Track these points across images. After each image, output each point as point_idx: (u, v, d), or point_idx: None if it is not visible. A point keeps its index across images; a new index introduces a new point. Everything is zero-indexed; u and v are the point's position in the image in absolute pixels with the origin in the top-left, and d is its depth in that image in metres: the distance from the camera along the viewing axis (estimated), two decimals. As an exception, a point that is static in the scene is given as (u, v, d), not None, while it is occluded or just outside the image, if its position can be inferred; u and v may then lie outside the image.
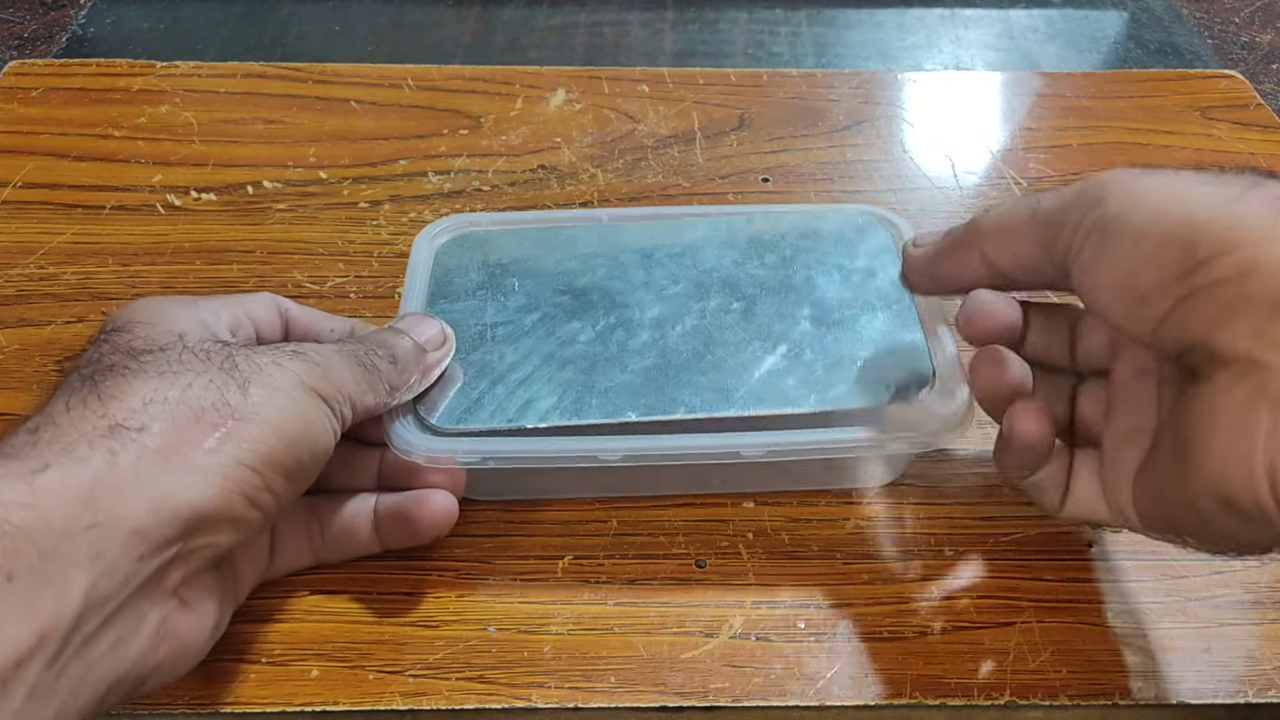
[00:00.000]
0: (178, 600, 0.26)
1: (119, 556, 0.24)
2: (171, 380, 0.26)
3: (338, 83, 0.55)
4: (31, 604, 0.22)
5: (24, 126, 0.52)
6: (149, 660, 0.25)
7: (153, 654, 0.25)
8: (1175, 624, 0.33)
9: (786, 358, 0.35)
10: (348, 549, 0.33)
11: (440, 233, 0.39)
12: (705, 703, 0.31)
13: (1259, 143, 0.53)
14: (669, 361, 0.34)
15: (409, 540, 0.32)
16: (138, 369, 0.26)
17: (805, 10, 0.68)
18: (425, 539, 0.32)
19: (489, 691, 0.31)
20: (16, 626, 0.22)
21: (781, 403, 0.33)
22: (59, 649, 0.23)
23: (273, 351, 0.28)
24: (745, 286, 0.37)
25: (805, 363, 0.34)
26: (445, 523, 0.32)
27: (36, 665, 0.22)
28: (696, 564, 0.34)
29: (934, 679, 0.32)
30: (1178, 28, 0.67)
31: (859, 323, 0.35)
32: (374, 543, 0.33)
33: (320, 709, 0.31)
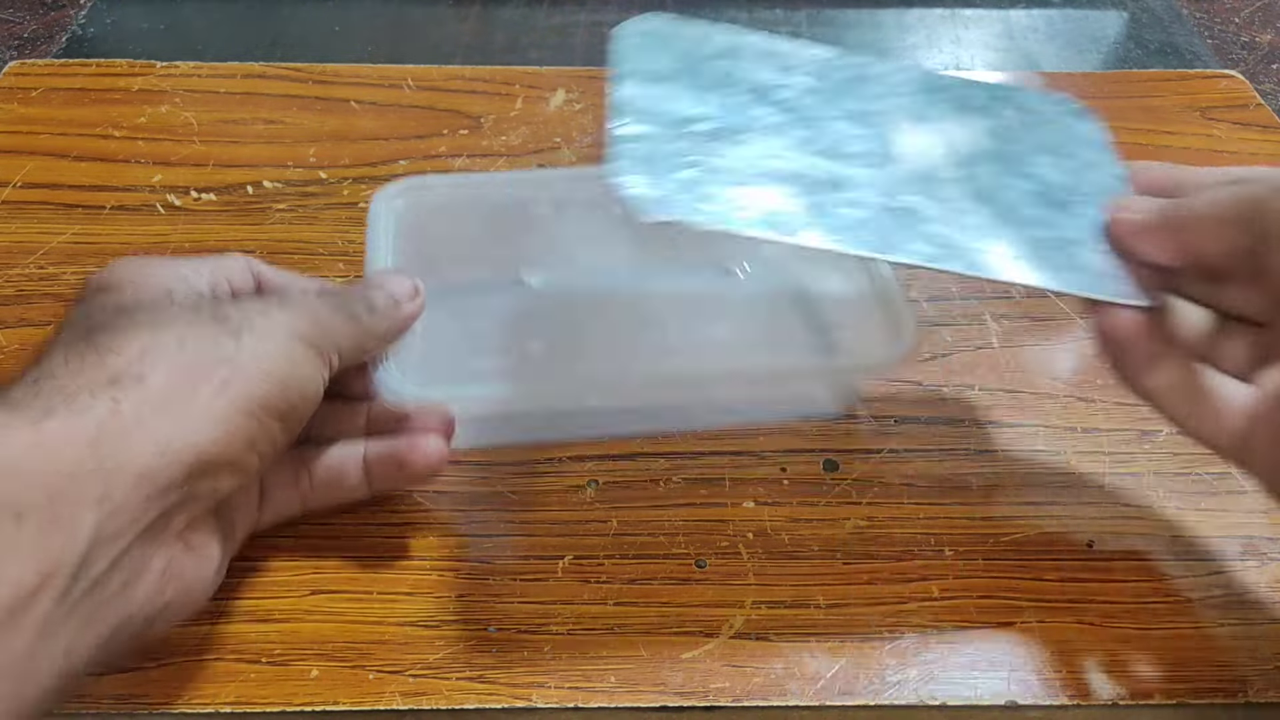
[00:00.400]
0: (182, 544, 0.27)
1: (126, 498, 0.25)
2: (166, 331, 0.27)
3: (338, 83, 0.55)
4: (41, 542, 0.23)
5: (24, 126, 0.52)
6: (156, 602, 0.26)
7: (159, 596, 0.26)
8: (1175, 624, 0.33)
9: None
10: (336, 495, 0.33)
11: (396, 195, 0.39)
12: (705, 703, 0.31)
13: (1259, 143, 0.53)
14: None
15: (400, 483, 0.34)
16: (131, 323, 0.27)
17: (805, 10, 0.68)
18: (417, 480, 0.34)
19: (489, 691, 0.31)
20: (26, 563, 0.23)
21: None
22: (68, 585, 0.24)
23: (260, 302, 0.30)
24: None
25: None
26: (437, 464, 0.33)
27: (46, 600, 0.23)
28: (696, 564, 0.34)
29: (935, 679, 0.32)
30: (1178, 28, 0.67)
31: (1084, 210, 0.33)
32: (363, 487, 0.33)
33: (320, 709, 0.31)
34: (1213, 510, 0.36)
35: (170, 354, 0.26)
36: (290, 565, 0.34)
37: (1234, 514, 0.36)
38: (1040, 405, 0.40)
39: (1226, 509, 0.37)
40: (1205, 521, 0.36)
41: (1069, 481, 0.37)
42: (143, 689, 0.31)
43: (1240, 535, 0.36)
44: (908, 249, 0.29)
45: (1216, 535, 0.36)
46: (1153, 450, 0.38)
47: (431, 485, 0.36)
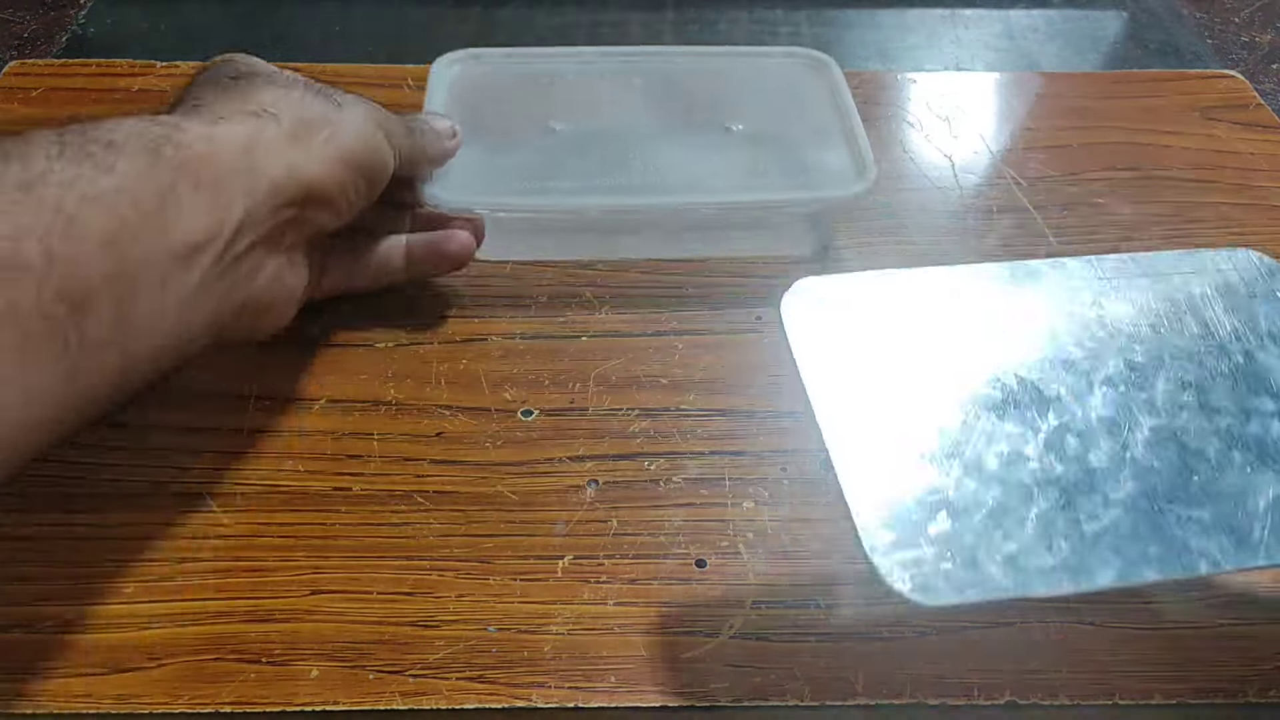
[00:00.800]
0: (287, 258, 0.34)
1: (262, 200, 0.31)
2: (288, 91, 0.34)
3: (338, 82, 0.55)
4: (211, 206, 0.30)
5: (24, 126, 0.51)
6: (266, 296, 0.33)
7: (269, 292, 0.33)
8: (1175, 624, 0.33)
9: None
10: (381, 277, 0.41)
11: (453, 61, 0.49)
12: (705, 703, 0.31)
13: (1259, 143, 0.53)
14: None
15: (435, 269, 0.42)
16: (259, 82, 0.34)
17: (805, 10, 0.68)
18: (450, 267, 0.42)
19: (489, 691, 0.31)
20: (200, 219, 0.29)
21: None
22: (222, 250, 0.30)
23: (345, 92, 0.36)
24: None
25: None
26: (468, 255, 0.41)
27: (209, 255, 0.30)
28: (696, 564, 0.34)
29: (934, 679, 0.32)
30: (1178, 28, 0.67)
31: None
32: (403, 272, 0.41)
33: (320, 709, 0.31)
34: (1213, 510, 0.36)
35: (295, 105, 0.33)
36: (290, 565, 0.34)
37: (1234, 514, 0.36)
38: (1040, 405, 0.40)
39: (1226, 509, 0.36)
40: (1205, 521, 0.36)
41: (1069, 481, 0.37)
42: (143, 689, 0.31)
43: (1240, 535, 0.36)
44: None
45: (1216, 535, 0.36)
46: (1153, 450, 0.38)
47: (431, 485, 0.36)
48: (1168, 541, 0.26)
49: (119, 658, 0.31)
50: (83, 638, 0.32)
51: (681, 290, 0.44)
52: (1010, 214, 0.49)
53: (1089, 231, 0.48)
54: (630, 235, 0.46)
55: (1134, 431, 0.28)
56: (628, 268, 0.45)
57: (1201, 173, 0.52)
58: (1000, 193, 0.50)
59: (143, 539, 0.34)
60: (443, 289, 0.44)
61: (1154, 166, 0.52)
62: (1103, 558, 0.26)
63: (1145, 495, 0.27)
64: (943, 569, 0.25)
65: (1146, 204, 0.50)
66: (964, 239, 0.47)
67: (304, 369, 0.40)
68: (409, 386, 0.40)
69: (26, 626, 0.32)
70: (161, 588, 0.33)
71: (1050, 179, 0.51)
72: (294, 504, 0.36)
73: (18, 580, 0.33)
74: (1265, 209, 0.50)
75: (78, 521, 0.35)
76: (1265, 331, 0.30)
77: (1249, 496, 0.27)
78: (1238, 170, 0.52)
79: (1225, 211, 0.49)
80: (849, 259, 0.46)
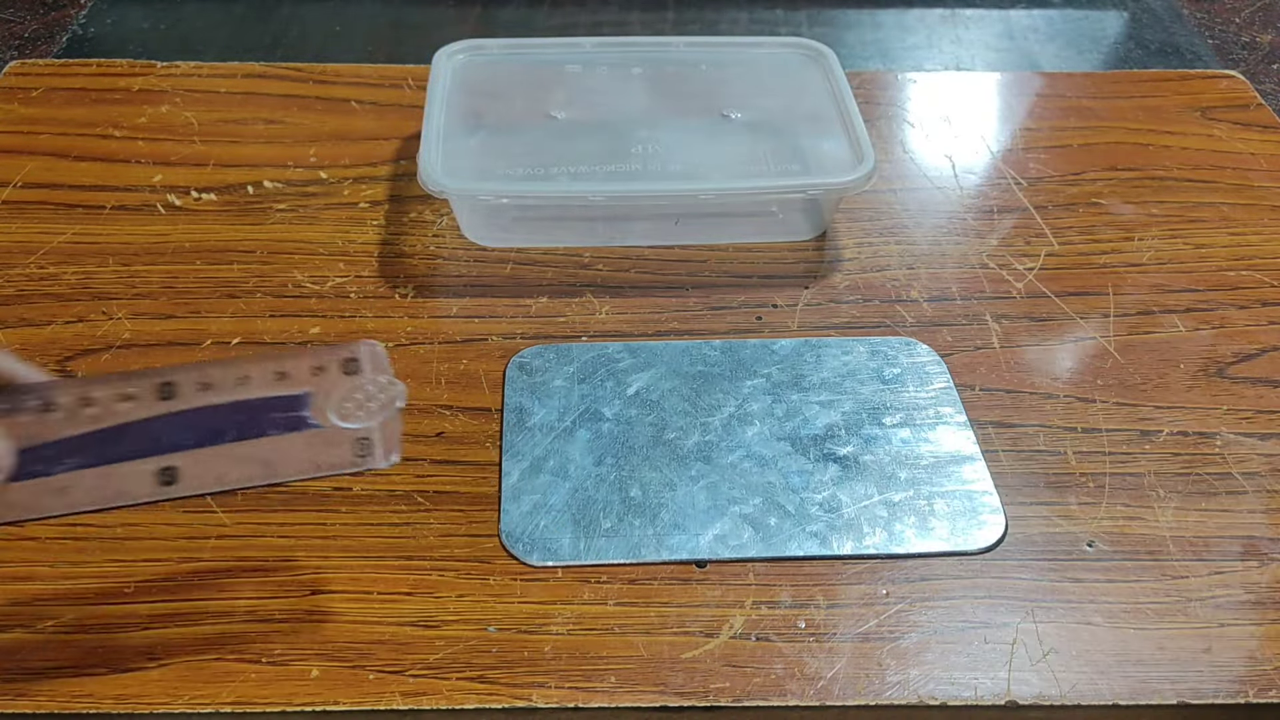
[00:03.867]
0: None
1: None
2: None
3: (338, 83, 0.55)
4: None
5: (24, 126, 0.52)
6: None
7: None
8: (1175, 624, 0.33)
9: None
10: None
11: (456, 52, 0.50)
12: (705, 703, 0.31)
13: (1259, 143, 0.53)
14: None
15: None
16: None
17: (805, 10, 0.68)
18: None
19: (489, 691, 0.31)
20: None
21: None
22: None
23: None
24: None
25: None
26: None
27: None
28: (696, 564, 0.34)
29: (934, 679, 0.31)
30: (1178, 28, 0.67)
31: None
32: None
33: (320, 709, 0.31)
34: (1213, 510, 0.36)
35: None
36: (290, 566, 0.34)
37: (1234, 514, 0.36)
38: (1040, 405, 0.40)
39: (1226, 509, 0.37)
40: (1205, 521, 0.36)
41: (1069, 481, 0.37)
42: (143, 689, 0.31)
43: (1240, 535, 0.36)
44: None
45: (1216, 535, 0.36)
46: (1153, 450, 0.38)
47: (431, 485, 0.36)
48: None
49: (119, 658, 0.31)
50: (83, 638, 0.32)
51: (682, 290, 0.44)
52: (1010, 214, 0.49)
53: (1089, 231, 0.48)
54: (629, 222, 0.47)
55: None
56: (627, 268, 0.45)
57: (1201, 173, 0.52)
58: (1000, 193, 0.50)
59: (143, 539, 0.34)
60: (443, 289, 0.44)
61: (1154, 166, 0.52)
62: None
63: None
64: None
65: (1146, 204, 0.50)
66: (964, 239, 0.47)
67: (304, 369, 0.40)
68: (409, 386, 0.40)
69: (26, 626, 0.32)
70: (161, 588, 0.33)
71: (1050, 179, 0.51)
72: (294, 504, 0.36)
73: (18, 580, 0.33)
74: (1265, 209, 0.50)
75: (78, 521, 0.35)
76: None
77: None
78: (1238, 170, 0.52)
79: (1225, 211, 0.49)
80: (849, 259, 0.46)
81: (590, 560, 0.34)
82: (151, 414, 0.30)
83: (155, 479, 0.30)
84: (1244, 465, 0.38)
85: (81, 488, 0.30)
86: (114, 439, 0.30)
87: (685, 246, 0.46)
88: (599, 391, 0.39)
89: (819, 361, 0.41)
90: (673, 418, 0.38)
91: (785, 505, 0.36)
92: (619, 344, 0.41)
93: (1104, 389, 0.41)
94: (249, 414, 0.31)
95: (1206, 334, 0.43)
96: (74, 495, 0.30)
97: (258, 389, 0.31)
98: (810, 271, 0.46)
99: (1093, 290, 0.45)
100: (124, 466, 0.30)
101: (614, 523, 0.35)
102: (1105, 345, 0.42)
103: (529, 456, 0.37)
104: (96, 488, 0.30)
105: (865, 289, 0.45)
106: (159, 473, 0.30)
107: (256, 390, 0.31)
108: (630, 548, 0.34)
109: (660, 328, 0.43)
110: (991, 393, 0.40)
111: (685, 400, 0.39)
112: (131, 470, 0.30)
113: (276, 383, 0.31)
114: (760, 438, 0.38)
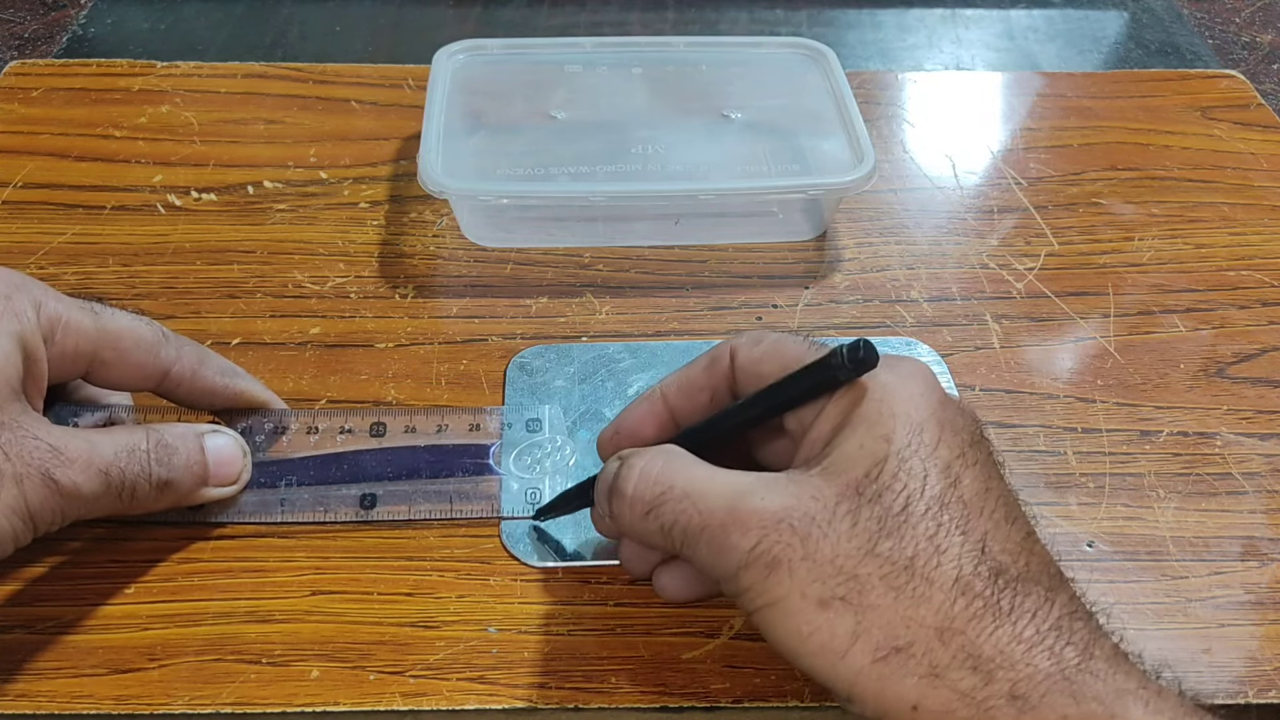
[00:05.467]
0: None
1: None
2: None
3: (338, 83, 0.55)
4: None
5: (24, 126, 0.52)
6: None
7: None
8: (1175, 624, 0.33)
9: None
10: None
11: (456, 52, 0.50)
12: (705, 703, 0.31)
13: (1259, 143, 0.53)
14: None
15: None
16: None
17: (805, 10, 0.68)
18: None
19: (489, 692, 0.31)
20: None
21: None
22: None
23: (27, 455, 0.28)
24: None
25: None
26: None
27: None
28: (697, 564, 0.34)
29: (934, 679, 0.31)
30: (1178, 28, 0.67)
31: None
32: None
33: (320, 709, 0.31)
34: (1213, 510, 0.36)
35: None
36: (290, 565, 0.34)
37: (1234, 514, 0.36)
38: (1040, 405, 0.40)
39: (1226, 509, 0.37)
40: (1205, 521, 0.36)
41: (1069, 481, 0.37)
42: (143, 689, 0.31)
43: (1240, 535, 0.36)
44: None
45: (1216, 535, 0.36)
46: (1153, 450, 0.38)
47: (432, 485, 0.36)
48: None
49: (119, 658, 0.31)
50: (83, 638, 0.32)
51: (682, 291, 0.44)
52: (1010, 214, 0.49)
53: (1089, 231, 0.48)
54: (629, 222, 0.47)
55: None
56: (627, 268, 0.45)
57: (1201, 173, 0.52)
58: (1000, 193, 0.50)
59: (143, 539, 0.34)
60: (443, 289, 0.44)
61: (1154, 166, 0.52)
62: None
63: None
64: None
65: (1146, 204, 0.50)
66: (964, 239, 0.47)
67: (305, 369, 0.40)
68: (409, 386, 0.40)
69: (26, 626, 0.32)
70: (161, 588, 0.33)
71: (1050, 179, 0.51)
72: (294, 504, 0.36)
73: (18, 580, 0.33)
74: (1265, 209, 0.50)
75: (78, 521, 0.35)
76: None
77: None
78: (1238, 170, 0.52)
79: (1225, 211, 0.49)
80: (849, 259, 0.46)
81: (591, 561, 0.34)
82: (363, 447, 0.36)
83: (358, 502, 0.35)
84: (1244, 465, 0.38)
85: (298, 502, 0.35)
86: (329, 464, 0.36)
87: (685, 246, 0.46)
88: (600, 392, 0.39)
89: None
90: None
91: None
92: (619, 344, 0.41)
93: (1104, 389, 0.41)
94: (442, 457, 0.36)
95: (1206, 334, 0.43)
96: (291, 508, 0.35)
97: (453, 436, 0.37)
98: (810, 271, 0.46)
99: (1093, 290, 0.45)
100: (334, 489, 0.35)
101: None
102: (1105, 345, 0.42)
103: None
104: (310, 504, 0.35)
105: (865, 289, 0.45)
106: (361, 498, 0.35)
107: (452, 437, 0.37)
108: None
109: (660, 328, 0.43)
110: (992, 393, 0.40)
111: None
112: (339, 493, 0.35)
113: (469, 433, 0.37)
114: None
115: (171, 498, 0.32)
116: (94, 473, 0.29)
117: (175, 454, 0.31)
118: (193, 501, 0.33)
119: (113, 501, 0.30)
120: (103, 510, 0.30)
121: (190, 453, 0.32)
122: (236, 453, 0.34)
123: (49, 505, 0.28)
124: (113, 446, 0.30)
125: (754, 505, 0.25)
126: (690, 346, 0.41)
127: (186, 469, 0.31)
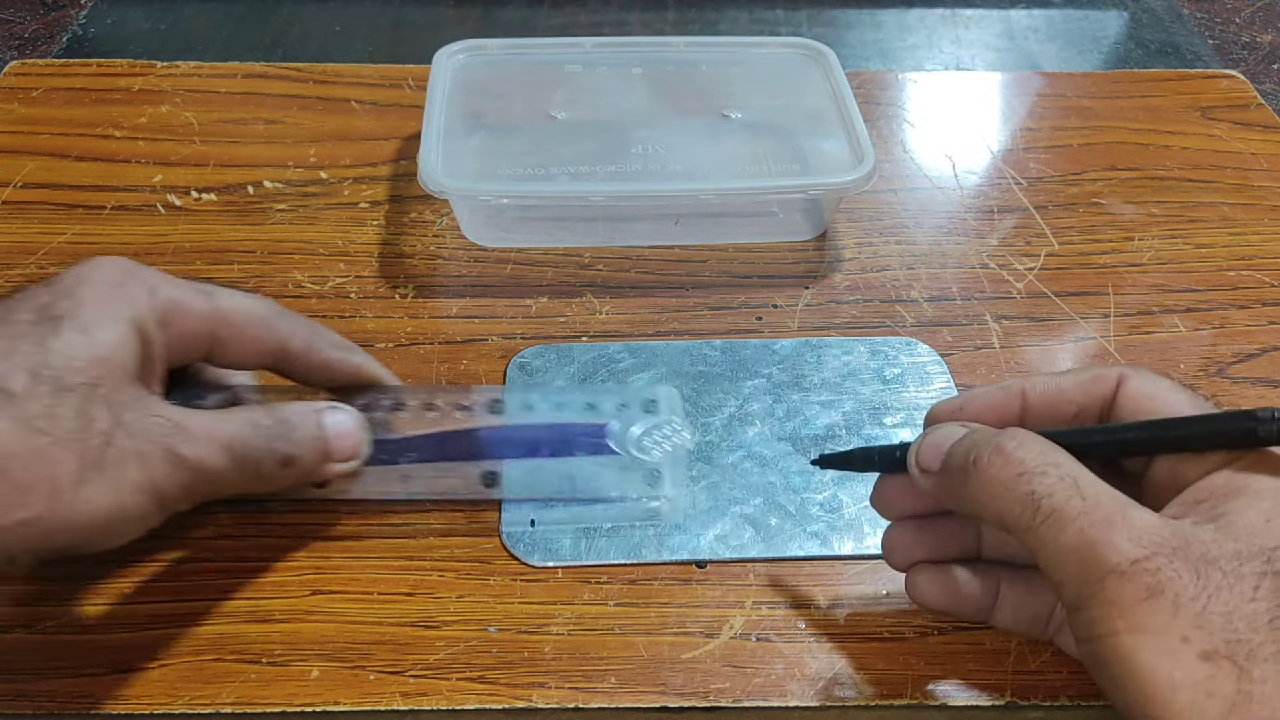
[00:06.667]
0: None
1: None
2: (17, 413, 0.26)
3: (338, 83, 0.55)
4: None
5: (24, 126, 0.52)
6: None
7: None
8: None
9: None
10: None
11: (456, 51, 0.49)
12: (706, 703, 0.31)
13: (1259, 143, 0.53)
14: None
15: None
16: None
17: (805, 10, 0.68)
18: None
19: (489, 692, 0.31)
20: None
21: None
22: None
23: (149, 432, 0.27)
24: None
25: None
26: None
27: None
28: (697, 564, 0.34)
29: (934, 679, 0.31)
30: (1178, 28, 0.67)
31: None
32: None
33: (320, 709, 0.31)
34: (1213, 510, 0.36)
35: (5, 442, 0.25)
36: (290, 565, 0.34)
37: (1234, 514, 0.36)
38: (1040, 405, 0.40)
39: (1227, 509, 0.36)
40: (1205, 522, 0.36)
41: (1069, 482, 0.37)
42: (143, 689, 0.31)
43: (1240, 535, 0.36)
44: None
45: (1217, 535, 0.36)
46: (1153, 450, 0.38)
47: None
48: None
49: (119, 658, 0.31)
50: (83, 638, 0.32)
51: (682, 291, 0.44)
52: (1010, 214, 0.49)
53: (1089, 231, 0.48)
54: (629, 222, 0.47)
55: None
56: (627, 268, 0.45)
57: (1201, 173, 0.52)
58: (1000, 193, 0.50)
59: (143, 539, 0.34)
60: (443, 289, 0.44)
61: (1154, 166, 0.52)
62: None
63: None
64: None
65: (1146, 204, 0.50)
66: (964, 239, 0.47)
67: (304, 369, 0.40)
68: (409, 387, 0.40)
69: (26, 626, 0.32)
70: (161, 588, 0.33)
71: (1050, 179, 0.51)
72: (294, 504, 0.36)
73: (18, 580, 0.33)
74: (1265, 209, 0.50)
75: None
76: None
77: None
78: (1238, 170, 0.52)
79: (1225, 211, 0.49)
80: (850, 259, 0.46)
81: (591, 560, 0.34)
82: (482, 424, 0.35)
83: (480, 480, 0.35)
84: (1244, 465, 0.38)
85: (421, 479, 0.35)
86: (450, 441, 0.35)
87: (685, 246, 0.46)
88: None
89: (819, 362, 0.41)
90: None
91: (786, 505, 0.36)
92: (619, 344, 0.41)
93: (1104, 389, 0.41)
94: (560, 435, 0.35)
95: (1206, 334, 0.43)
96: (414, 484, 0.35)
97: (570, 414, 0.36)
98: (810, 271, 0.46)
99: (1093, 290, 0.45)
100: (456, 466, 0.35)
101: (614, 523, 0.35)
102: (1105, 345, 0.42)
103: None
104: (432, 480, 0.35)
105: (865, 289, 0.45)
106: (484, 475, 0.35)
107: (569, 415, 0.36)
108: (631, 548, 0.34)
109: (660, 328, 0.43)
110: (991, 393, 0.40)
111: (685, 400, 0.39)
112: (462, 470, 0.35)
113: (586, 411, 0.36)
114: (761, 438, 0.38)
115: (296, 473, 0.31)
116: (217, 447, 0.29)
117: (296, 429, 0.31)
118: (317, 478, 0.32)
119: (239, 478, 0.29)
120: (231, 488, 0.30)
121: (310, 428, 0.31)
122: (355, 428, 0.33)
123: (175, 481, 0.28)
124: (234, 422, 0.30)
125: (1150, 519, 0.23)
126: (690, 346, 0.41)
127: (309, 443, 0.31)
